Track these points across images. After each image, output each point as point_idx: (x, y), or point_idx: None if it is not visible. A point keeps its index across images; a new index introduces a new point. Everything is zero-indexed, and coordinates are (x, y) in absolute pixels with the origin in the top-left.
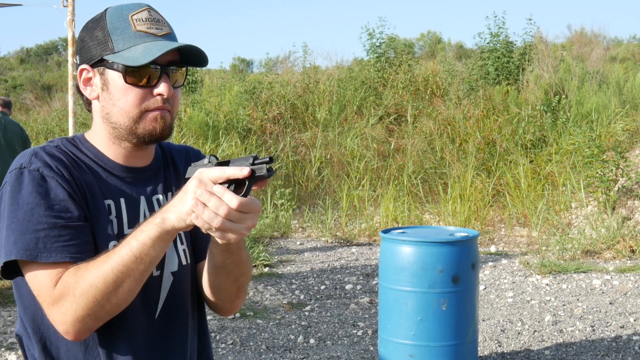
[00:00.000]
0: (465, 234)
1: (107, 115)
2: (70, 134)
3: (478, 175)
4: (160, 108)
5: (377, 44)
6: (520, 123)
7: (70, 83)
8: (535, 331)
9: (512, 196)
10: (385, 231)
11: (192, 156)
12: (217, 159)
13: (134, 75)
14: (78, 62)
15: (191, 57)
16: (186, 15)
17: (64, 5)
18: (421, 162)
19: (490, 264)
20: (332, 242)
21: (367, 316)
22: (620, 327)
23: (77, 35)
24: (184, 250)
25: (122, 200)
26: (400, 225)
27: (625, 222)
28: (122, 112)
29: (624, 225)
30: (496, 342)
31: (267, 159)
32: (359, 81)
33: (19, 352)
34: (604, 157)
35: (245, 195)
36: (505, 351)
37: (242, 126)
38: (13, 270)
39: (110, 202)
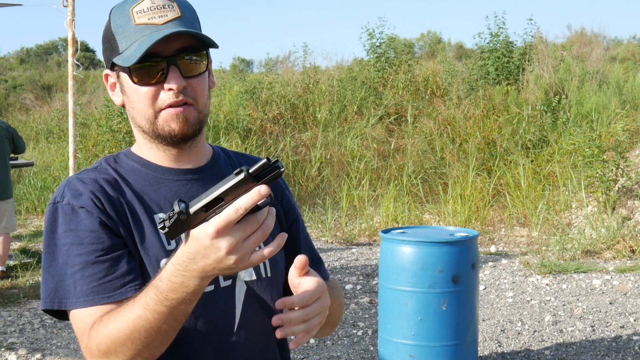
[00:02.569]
0: (465, 234)
1: (133, 119)
2: (70, 134)
3: (478, 175)
4: (173, 104)
5: (377, 44)
6: (520, 123)
7: (71, 83)
8: (535, 331)
9: (512, 196)
10: (385, 231)
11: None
12: (185, 204)
13: (139, 73)
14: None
15: (204, 38)
16: None
17: (64, 5)
18: (421, 162)
19: (490, 264)
20: (332, 242)
21: (367, 316)
22: (620, 327)
23: (77, 35)
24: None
25: None
26: (400, 225)
27: (625, 222)
28: (140, 115)
29: (624, 225)
30: (496, 342)
31: (265, 161)
32: (359, 81)
33: (19, 352)
34: (604, 157)
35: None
36: (505, 351)
37: (242, 126)
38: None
39: (162, 216)
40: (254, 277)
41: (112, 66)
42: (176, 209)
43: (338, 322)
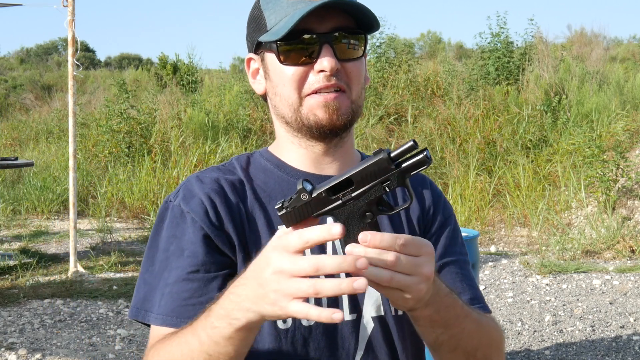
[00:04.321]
0: (466, 234)
1: (276, 109)
2: (70, 134)
3: (478, 175)
4: (323, 88)
5: (377, 44)
6: (520, 123)
7: (70, 83)
8: (535, 331)
9: (512, 196)
10: None
11: (428, 191)
12: (311, 185)
13: (288, 52)
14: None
15: (365, 19)
16: (186, 15)
17: (64, 5)
18: None
19: (490, 264)
20: None
21: None
22: (620, 327)
23: (77, 35)
24: None
25: None
26: None
27: (625, 222)
28: (283, 102)
29: (624, 225)
30: None
31: (412, 143)
32: None
33: (19, 352)
34: (604, 157)
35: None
36: (505, 351)
37: (242, 126)
38: None
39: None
40: (382, 313)
41: (257, 48)
42: (299, 186)
43: (474, 353)
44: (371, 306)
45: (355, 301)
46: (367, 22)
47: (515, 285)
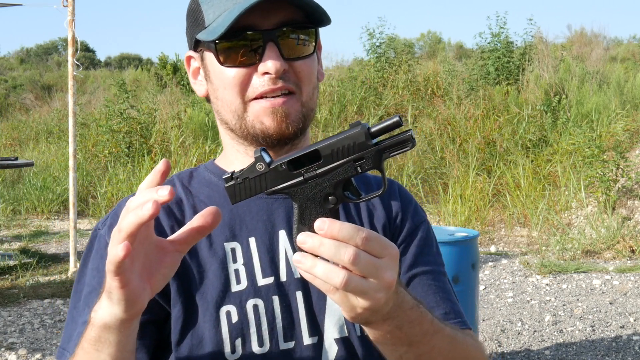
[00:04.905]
0: (466, 234)
1: (219, 114)
2: (70, 134)
3: (478, 175)
4: (268, 93)
5: (377, 44)
6: (520, 123)
7: (71, 83)
8: (535, 331)
9: (512, 196)
10: None
11: (396, 197)
12: (270, 157)
13: (228, 52)
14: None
15: (314, 12)
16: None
17: (64, 5)
18: (421, 162)
19: (490, 264)
20: None
21: None
22: (620, 327)
23: (77, 35)
24: None
25: (253, 240)
26: None
27: (625, 222)
28: (225, 107)
29: (624, 225)
30: (496, 342)
31: (397, 119)
32: (359, 81)
33: (19, 352)
34: (604, 157)
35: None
36: (505, 351)
37: None
38: None
39: (234, 244)
40: (345, 334)
41: (197, 45)
42: (256, 155)
43: None
44: (333, 327)
45: (315, 322)
46: (317, 15)
47: (515, 285)
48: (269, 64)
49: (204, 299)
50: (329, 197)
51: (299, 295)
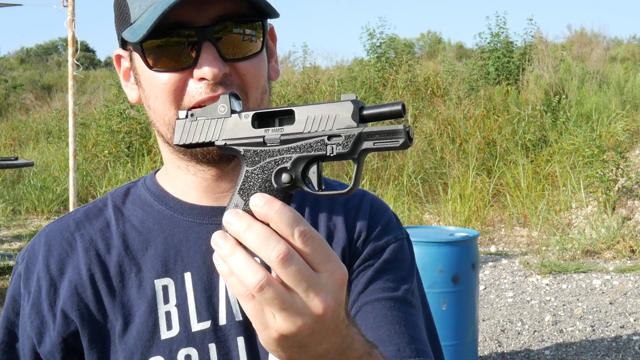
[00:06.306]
0: (465, 234)
1: (154, 125)
2: (70, 134)
3: (478, 175)
4: (207, 101)
5: (377, 44)
6: (520, 123)
7: (70, 83)
8: (535, 331)
9: (512, 196)
10: None
11: (364, 214)
12: (240, 106)
13: (157, 53)
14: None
15: (260, 2)
16: None
17: (64, 5)
18: (421, 162)
19: (490, 264)
20: None
21: None
22: (620, 327)
23: (77, 35)
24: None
25: (189, 275)
26: None
27: (625, 222)
28: (158, 118)
29: (624, 225)
30: (496, 342)
31: (400, 107)
32: (359, 81)
33: None
34: (604, 157)
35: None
36: (505, 351)
37: None
38: None
39: (167, 281)
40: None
41: (125, 43)
42: (223, 95)
43: None
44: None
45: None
46: (262, 6)
47: (515, 285)
48: (205, 69)
49: (127, 349)
50: (283, 174)
51: (240, 341)
